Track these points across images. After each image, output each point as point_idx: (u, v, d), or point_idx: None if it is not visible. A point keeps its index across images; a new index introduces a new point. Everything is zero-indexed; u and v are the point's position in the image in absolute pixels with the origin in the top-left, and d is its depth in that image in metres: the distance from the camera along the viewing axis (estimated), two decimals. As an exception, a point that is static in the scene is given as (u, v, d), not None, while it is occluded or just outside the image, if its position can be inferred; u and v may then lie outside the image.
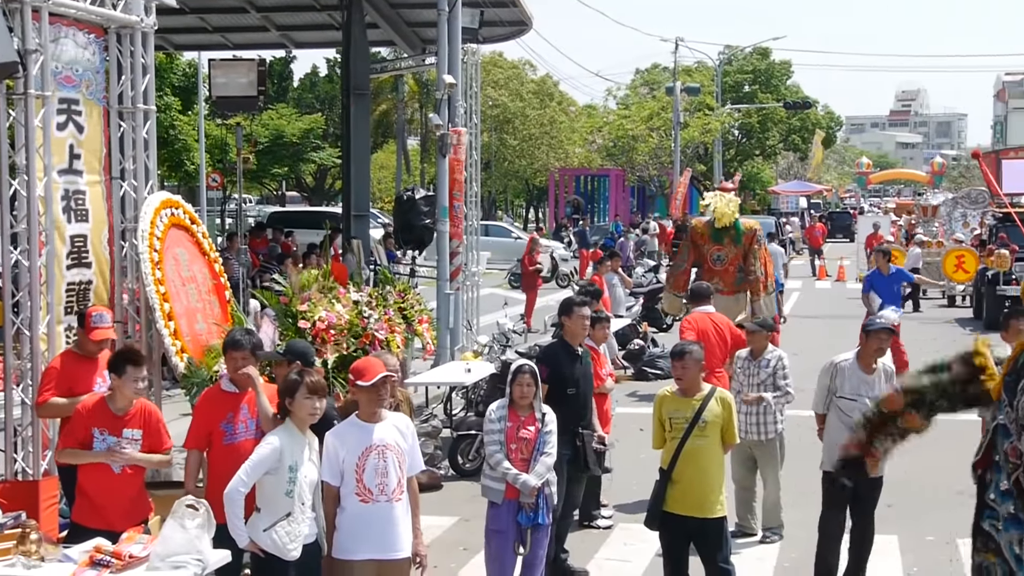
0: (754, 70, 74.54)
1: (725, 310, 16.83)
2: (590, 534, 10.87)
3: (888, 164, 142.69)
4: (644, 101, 62.71)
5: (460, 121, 18.34)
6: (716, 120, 60.28)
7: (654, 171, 60.12)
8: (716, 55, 70.27)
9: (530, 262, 27.19)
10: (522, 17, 22.64)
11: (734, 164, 70.23)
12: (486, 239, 35.30)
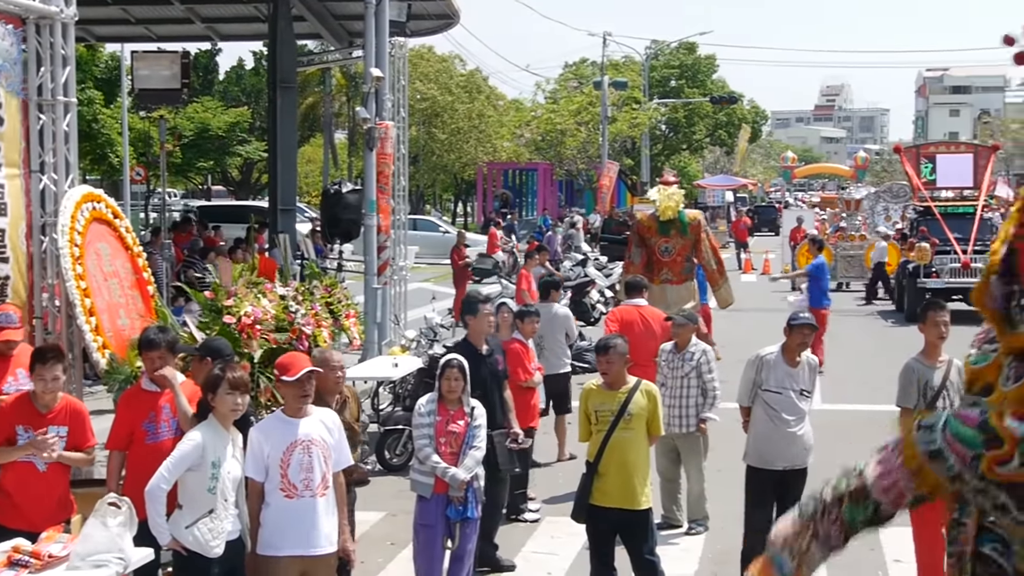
0: (681, 65, 74.97)
1: (676, 299, 17.09)
2: (517, 527, 10.88)
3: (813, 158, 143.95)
4: (572, 95, 62.80)
5: (388, 115, 18.24)
6: (644, 114, 60.51)
7: (582, 165, 60.22)
8: (643, 50, 70.71)
9: (459, 256, 27.16)
10: (449, 11, 22.58)
11: (661, 158, 70.62)
12: (414, 233, 35.19)
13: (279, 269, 12.43)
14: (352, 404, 8.55)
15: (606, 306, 24.69)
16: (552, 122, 58.84)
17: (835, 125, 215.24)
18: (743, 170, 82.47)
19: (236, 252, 18.86)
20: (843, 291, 33.00)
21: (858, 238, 33.54)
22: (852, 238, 33.45)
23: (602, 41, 58.59)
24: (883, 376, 13.58)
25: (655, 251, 17.75)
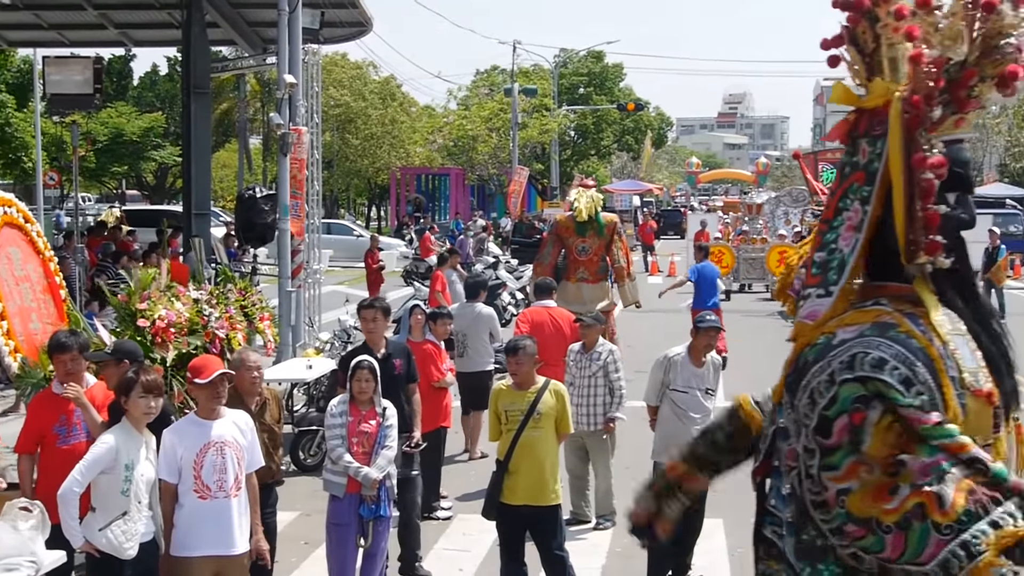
0: (589, 73, 75.41)
1: (592, 297, 17.45)
2: (430, 525, 10.85)
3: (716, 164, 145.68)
4: (484, 102, 62.84)
5: (301, 120, 18.11)
6: (553, 121, 60.72)
7: (493, 170, 60.29)
8: (552, 58, 71.03)
9: (373, 260, 27.07)
10: (362, 19, 22.50)
11: (571, 164, 70.93)
12: (328, 237, 35.00)
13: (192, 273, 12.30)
14: (273, 406, 8.47)
15: (517, 308, 24.73)
16: (464, 128, 58.85)
17: (738, 132, 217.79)
18: (649, 175, 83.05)
19: (150, 256, 18.61)
20: (745, 292, 33.39)
21: (759, 241, 33.93)
22: (754, 241, 33.83)
23: (512, 49, 58.72)
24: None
25: (572, 251, 18.01)
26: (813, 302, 3.99)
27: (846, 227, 3.95)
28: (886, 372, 3.74)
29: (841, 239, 3.94)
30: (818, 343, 3.91)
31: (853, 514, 3.73)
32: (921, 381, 3.77)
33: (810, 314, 4.00)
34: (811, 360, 3.87)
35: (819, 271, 3.98)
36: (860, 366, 3.74)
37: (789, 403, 3.92)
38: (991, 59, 3.88)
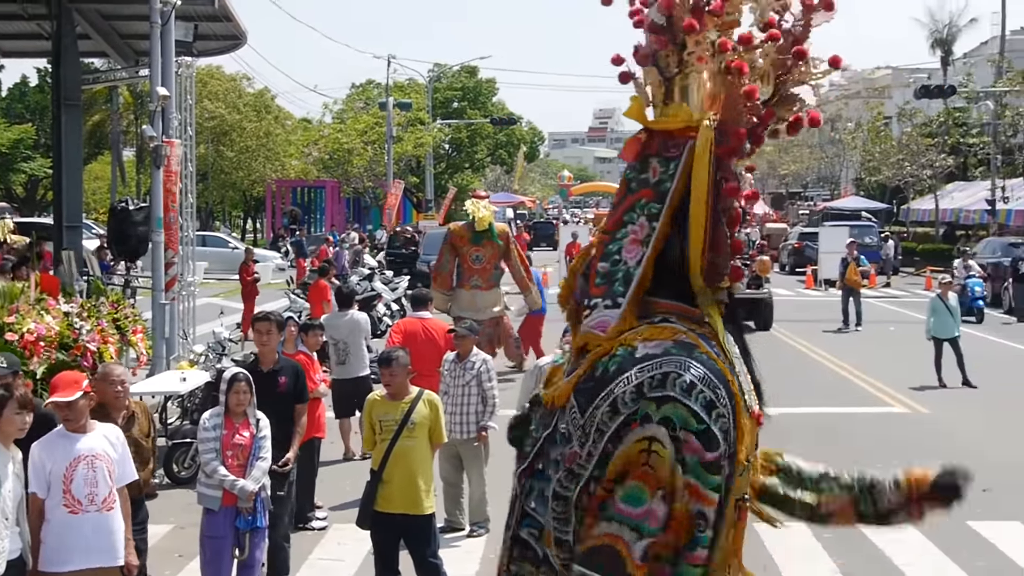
0: (463, 88, 75.63)
1: (485, 304, 18.04)
2: (305, 535, 10.74)
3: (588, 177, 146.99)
4: (359, 115, 62.56)
5: (175, 133, 17.85)
6: (428, 134, 60.77)
7: (369, 183, 60.07)
8: (427, 73, 71.00)
9: (247, 272, 26.75)
10: (236, 32, 22.24)
11: (445, 176, 71.01)
12: (203, 249, 34.50)
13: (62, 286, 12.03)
14: (142, 419, 8.30)
15: (392, 319, 24.64)
16: (339, 141, 58.55)
17: (608, 146, 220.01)
18: (522, 188, 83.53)
19: (20, 269, 18.13)
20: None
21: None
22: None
23: (387, 63, 58.61)
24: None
25: (467, 259, 18.39)
26: (601, 312, 3.98)
27: (631, 240, 3.97)
28: (692, 397, 3.78)
29: (625, 251, 3.96)
30: (617, 355, 3.90)
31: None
32: (722, 404, 3.83)
33: (599, 324, 3.99)
34: (612, 371, 3.85)
35: (604, 281, 3.99)
36: (672, 386, 3.77)
37: (579, 409, 3.89)
38: (787, 104, 4.06)
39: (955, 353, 18.92)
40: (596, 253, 4.10)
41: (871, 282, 40.08)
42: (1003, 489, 12.08)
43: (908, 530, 10.64)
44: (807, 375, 20.52)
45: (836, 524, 4.46)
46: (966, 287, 29.36)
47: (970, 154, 50.94)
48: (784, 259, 49.19)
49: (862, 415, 16.84)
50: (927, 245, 54.70)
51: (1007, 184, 48.26)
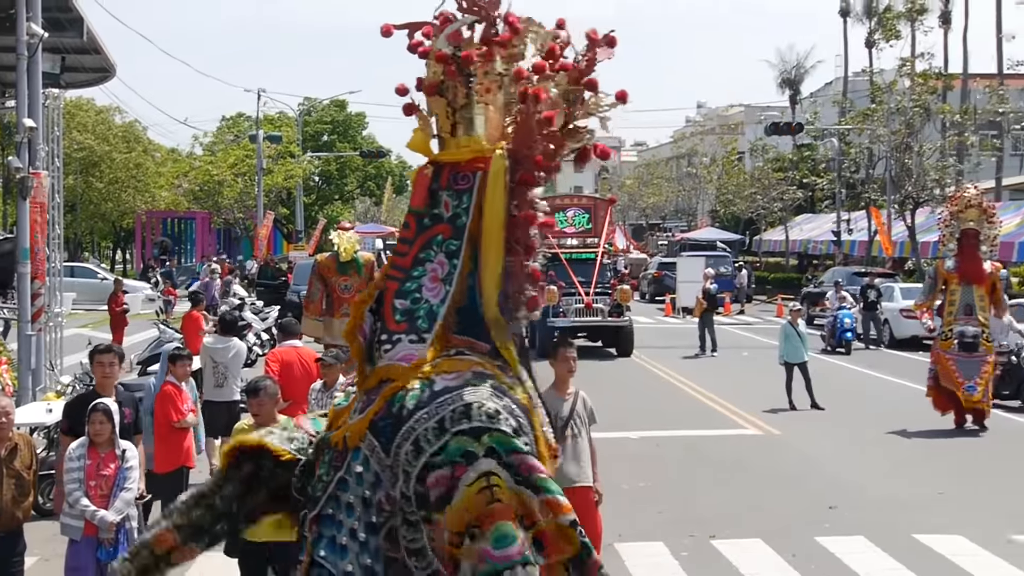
0: (333, 121, 75.28)
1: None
2: (173, 565, 10.48)
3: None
4: (230, 148, 61.81)
5: (42, 164, 17.41)
6: (298, 167, 60.27)
7: (240, 214, 59.33)
8: (297, 106, 70.51)
9: (116, 303, 26.22)
10: (105, 65, 21.82)
11: (315, 208, 70.45)
12: (71, 280, 33.63)
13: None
14: (24, 451, 8.06)
15: (263, 348, 24.31)
16: (210, 173, 57.77)
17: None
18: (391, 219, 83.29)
19: None
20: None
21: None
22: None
23: (257, 97, 58.00)
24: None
25: (336, 289, 18.58)
26: (405, 346, 3.84)
27: (430, 278, 3.85)
28: (501, 421, 3.69)
29: (425, 289, 3.84)
30: (414, 389, 3.77)
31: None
32: (526, 433, 3.78)
33: (405, 357, 3.85)
34: (412, 407, 3.72)
35: (405, 318, 3.85)
36: (477, 416, 3.67)
37: (381, 448, 3.72)
38: (575, 136, 3.97)
39: (803, 377, 19.34)
40: (390, 289, 3.93)
41: (726, 310, 40.85)
42: (848, 506, 12.39)
43: (757, 544, 10.86)
44: (667, 399, 20.79)
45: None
46: (837, 318, 28.95)
47: (817, 188, 52.32)
48: (644, 288, 49.87)
49: (719, 437, 17.10)
50: (778, 274, 56.01)
51: (851, 216, 49.70)
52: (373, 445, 3.69)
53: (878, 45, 54.75)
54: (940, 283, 18.13)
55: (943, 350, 17.66)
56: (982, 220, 18.22)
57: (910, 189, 41.66)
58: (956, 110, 42.89)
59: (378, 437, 3.68)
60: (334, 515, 3.82)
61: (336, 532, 3.80)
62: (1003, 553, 10.64)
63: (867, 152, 47.15)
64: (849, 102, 52.85)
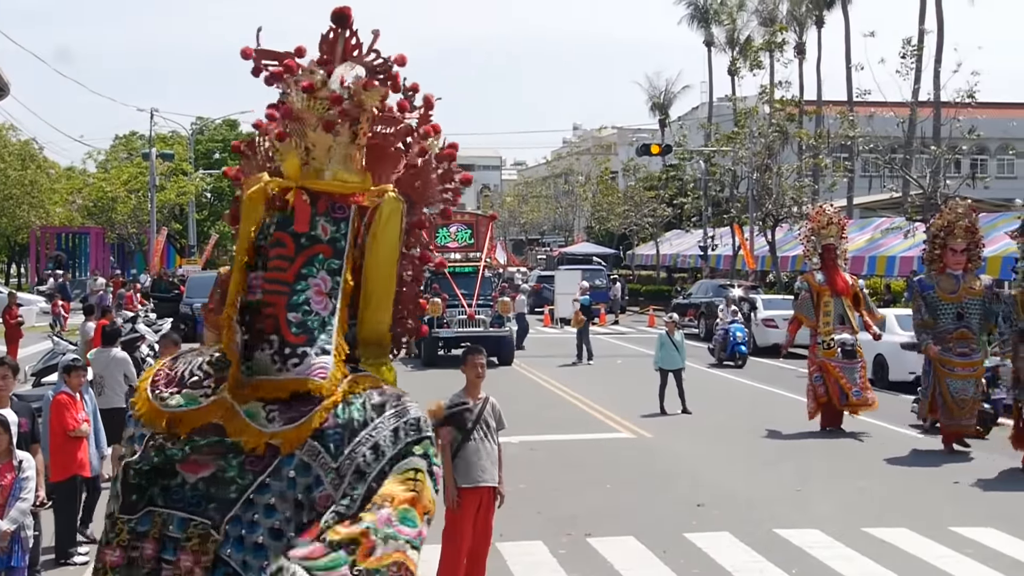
0: (224, 139, 74.36)
1: None
2: (67, 571, 10.24)
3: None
4: (123, 165, 60.55)
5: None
6: (190, 184, 59.31)
7: (133, 229, 58.18)
8: (189, 125, 69.44)
9: (11, 316, 25.52)
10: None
11: (208, 223, 69.36)
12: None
13: None
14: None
15: (156, 359, 23.84)
16: (103, 190, 56.54)
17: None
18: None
19: None
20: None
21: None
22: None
23: (150, 116, 56.95)
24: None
25: None
26: (312, 359, 3.79)
27: (315, 291, 3.86)
28: (432, 438, 4.00)
29: (314, 302, 3.84)
30: (355, 403, 3.80)
31: None
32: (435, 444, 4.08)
33: (317, 372, 3.78)
34: (361, 418, 3.76)
35: (301, 331, 3.81)
36: (425, 428, 3.90)
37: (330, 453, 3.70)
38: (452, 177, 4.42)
39: (677, 384, 19.58)
40: (278, 304, 3.86)
41: (601, 320, 41.23)
42: (714, 504, 12.60)
43: (630, 541, 10.98)
44: (546, 406, 20.89)
45: None
46: (728, 332, 28.18)
47: (685, 206, 53.17)
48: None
49: (595, 440, 17.24)
50: (650, 286, 56.73)
51: (716, 232, 50.60)
52: (317, 451, 3.66)
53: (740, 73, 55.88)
54: (814, 297, 18.43)
55: (828, 358, 17.95)
56: (839, 236, 18.72)
57: (770, 207, 42.58)
58: (811, 134, 43.96)
59: (325, 444, 3.66)
60: (243, 516, 3.67)
61: (248, 532, 3.64)
62: (856, 545, 10.93)
63: (731, 173, 48.06)
64: (714, 126, 53.83)
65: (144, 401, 3.82)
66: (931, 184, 33.16)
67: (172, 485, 3.68)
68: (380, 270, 3.92)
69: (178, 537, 3.62)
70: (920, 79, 38.59)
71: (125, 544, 3.64)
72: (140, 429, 3.81)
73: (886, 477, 14.73)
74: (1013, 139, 64.27)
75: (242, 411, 3.69)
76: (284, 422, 3.66)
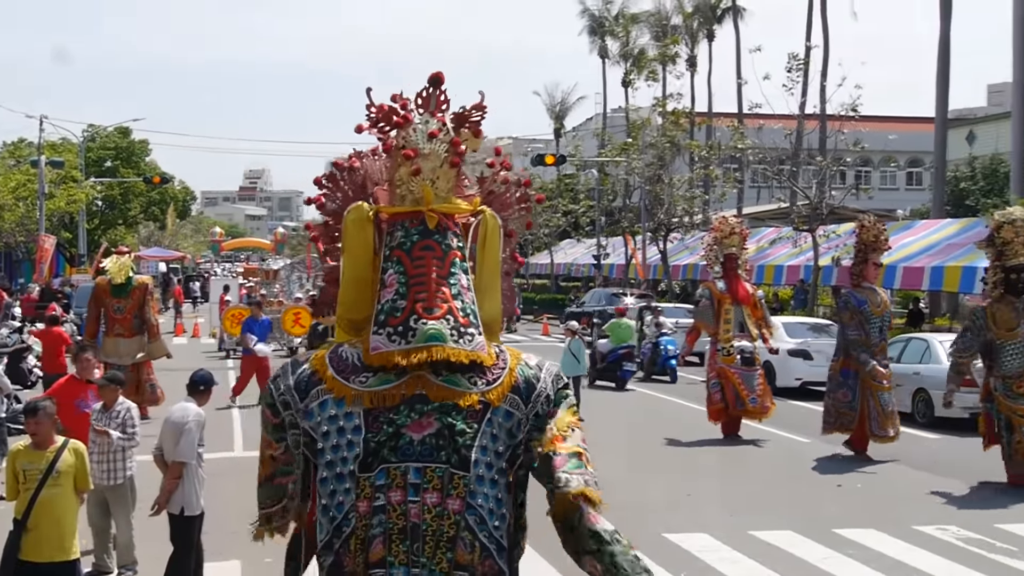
0: (116, 147, 72.95)
1: (128, 351, 18.89)
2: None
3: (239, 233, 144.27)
4: (11, 173, 58.99)
5: None
6: (81, 192, 58.03)
7: (21, 238, 56.68)
8: (80, 132, 67.97)
9: None
10: None
11: (98, 232, 67.96)
12: None
13: None
14: None
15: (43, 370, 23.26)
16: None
17: (258, 204, 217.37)
18: (175, 243, 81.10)
19: None
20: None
21: (276, 304, 33.92)
22: (271, 304, 33.75)
23: (39, 123, 55.60)
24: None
25: (110, 310, 19.04)
26: (478, 338, 4.49)
27: (462, 286, 4.56)
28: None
29: (464, 293, 4.55)
30: (522, 365, 4.59)
31: None
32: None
33: (482, 347, 4.50)
34: (531, 375, 4.52)
35: (465, 315, 4.50)
36: (562, 378, 4.70)
37: (522, 400, 4.47)
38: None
39: (575, 391, 19.70)
40: (447, 294, 4.51)
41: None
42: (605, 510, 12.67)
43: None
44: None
45: None
46: (659, 345, 27.51)
47: (579, 215, 53.60)
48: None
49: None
50: (544, 295, 57.04)
51: (609, 242, 51.09)
52: (516, 401, 4.43)
53: (634, 84, 56.59)
54: (715, 304, 18.61)
55: (727, 365, 18.15)
56: (740, 245, 18.93)
57: (662, 217, 43.17)
58: (703, 145, 44.68)
59: (518, 395, 4.44)
60: (475, 458, 4.40)
61: (475, 468, 4.35)
62: (742, 548, 11.11)
63: (624, 183, 48.59)
64: (608, 136, 54.39)
65: (343, 386, 4.41)
66: (817, 195, 33.89)
67: (401, 444, 4.31)
68: (490, 268, 4.73)
69: (418, 483, 4.26)
70: (807, 92, 39.52)
71: (369, 496, 4.27)
72: (343, 409, 4.37)
73: (774, 481, 15.02)
74: (895, 151, 66.16)
75: (439, 381, 4.38)
76: (486, 383, 4.40)
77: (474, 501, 4.28)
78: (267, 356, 22.49)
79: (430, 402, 4.35)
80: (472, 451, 4.32)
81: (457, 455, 4.30)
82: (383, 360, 4.38)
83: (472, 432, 4.34)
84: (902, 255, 29.41)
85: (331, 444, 4.34)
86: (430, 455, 4.31)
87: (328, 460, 4.34)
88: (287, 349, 32.11)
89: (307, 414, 4.41)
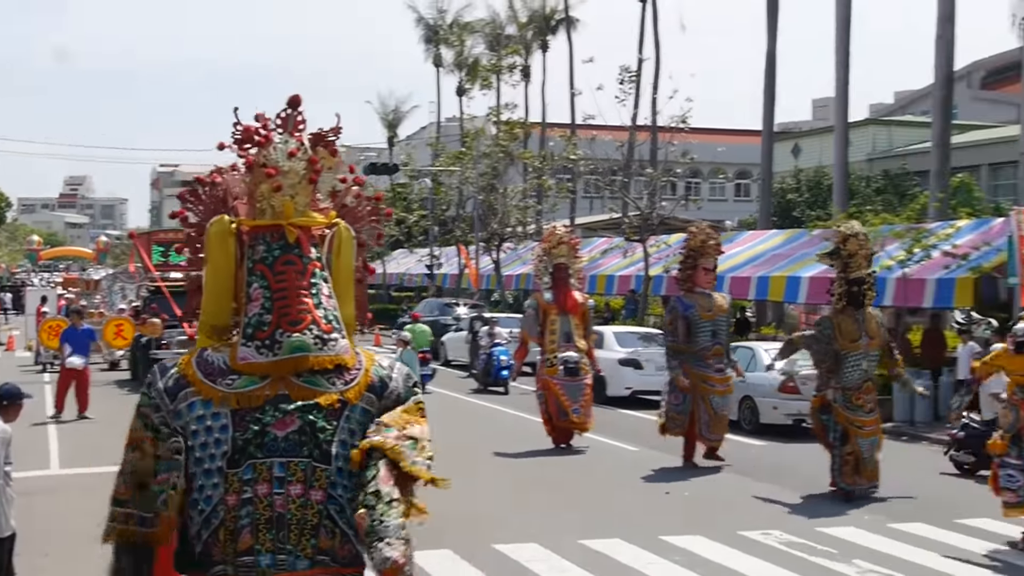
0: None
1: None
2: None
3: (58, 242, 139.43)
4: None
5: None
6: None
7: None
8: None
9: None
10: None
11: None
12: None
13: None
14: None
15: None
16: None
17: (79, 212, 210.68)
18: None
19: None
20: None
21: (97, 315, 32.85)
22: (92, 315, 32.68)
23: None
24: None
25: None
26: (341, 342, 4.79)
27: (324, 295, 4.84)
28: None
29: (325, 301, 4.83)
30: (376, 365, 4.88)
31: None
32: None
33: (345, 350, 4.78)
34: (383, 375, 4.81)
35: (328, 322, 4.79)
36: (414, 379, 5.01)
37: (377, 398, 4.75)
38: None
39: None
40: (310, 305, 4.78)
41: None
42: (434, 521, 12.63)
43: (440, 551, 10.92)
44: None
45: None
46: (492, 356, 27.53)
47: (412, 225, 53.54)
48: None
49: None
50: (376, 305, 56.74)
51: (442, 252, 51.18)
52: (371, 399, 4.71)
53: (469, 93, 56.82)
54: (541, 315, 18.73)
55: (550, 376, 18.27)
56: (571, 255, 19.11)
57: (496, 227, 43.46)
58: (536, 156, 45.16)
59: (373, 394, 4.72)
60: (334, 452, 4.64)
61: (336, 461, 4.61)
62: (571, 557, 11.25)
63: (458, 192, 48.75)
64: (442, 145, 54.46)
65: (210, 389, 4.65)
66: (648, 205, 34.59)
67: (267, 441, 4.57)
68: (344, 276, 4.98)
69: (283, 476, 4.54)
70: (639, 104, 40.34)
71: (237, 490, 4.51)
72: (211, 410, 4.61)
73: (603, 490, 15.25)
74: (723, 163, 68.10)
75: (300, 382, 4.66)
76: (344, 383, 4.69)
77: (335, 492, 4.57)
78: (85, 368, 21.85)
79: (292, 401, 4.64)
80: (332, 446, 4.60)
81: (319, 450, 4.60)
82: (252, 370, 4.66)
83: (332, 428, 4.65)
84: (729, 265, 30.24)
85: (200, 442, 4.59)
86: (294, 450, 4.60)
87: (197, 457, 4.57)
88: (108, 363, 31.15)
89: (176, 415, 4.64)
